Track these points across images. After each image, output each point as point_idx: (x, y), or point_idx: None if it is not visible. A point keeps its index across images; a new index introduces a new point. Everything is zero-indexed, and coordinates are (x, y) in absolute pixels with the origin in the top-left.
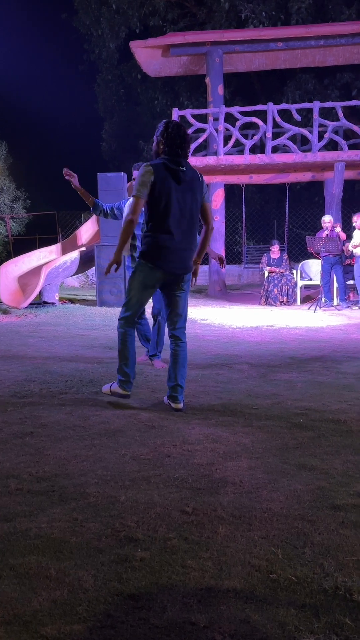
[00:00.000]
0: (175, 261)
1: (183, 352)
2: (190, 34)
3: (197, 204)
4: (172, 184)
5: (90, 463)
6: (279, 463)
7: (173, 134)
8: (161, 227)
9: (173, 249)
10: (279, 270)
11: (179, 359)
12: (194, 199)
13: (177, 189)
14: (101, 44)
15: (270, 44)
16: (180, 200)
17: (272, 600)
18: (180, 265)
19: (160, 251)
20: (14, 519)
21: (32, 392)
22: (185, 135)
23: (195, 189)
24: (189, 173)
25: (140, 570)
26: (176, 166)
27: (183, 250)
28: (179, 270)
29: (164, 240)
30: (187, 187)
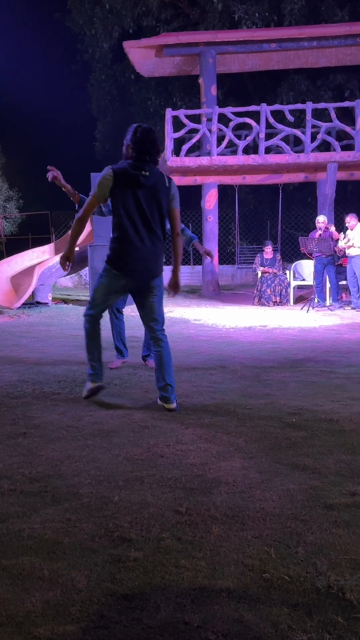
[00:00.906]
0: (139, 268)
1: (166, 352)
2: (184, 35)
3: (162, 209)
4: (132, 190)
5: (84, 463)
6: (272, 463)
7: (141, 139)
8: (122, 233)
9: (135, 256)
10: (272, 270)
11: (164, 360)
12: (158, 204)
13: (139, 194)
14: (94, 43)
15: (263, 44)
16: (142, 206)
17: (265, 599)
18: (144, 271)
19: (122, 258)
20: (7, 519)
21: (25, 393)
22: (154, 140)
23: (159, 194)
24: (152, 178)
25: (133, 571)
26: (138, 171)
27: (146, 256)
28: (144, 276)
29: (125, 247)
30: (149, 193)
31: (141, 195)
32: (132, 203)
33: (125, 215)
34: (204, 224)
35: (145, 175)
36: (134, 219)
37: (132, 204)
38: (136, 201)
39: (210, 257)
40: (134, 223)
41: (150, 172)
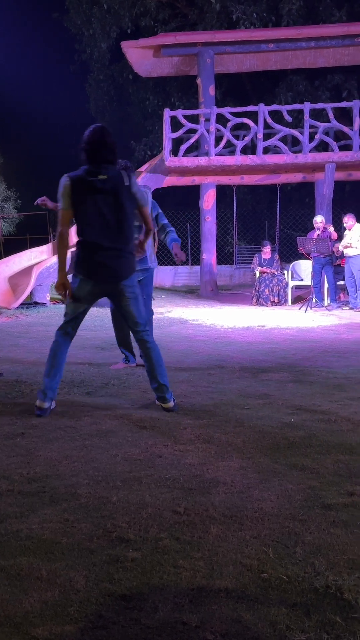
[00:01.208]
0: (104, 272)
1: (155, 353)
2: (182, 35)
3: (125, 209)
4: (90, 195)
5: (82, 464)
6: (270, 463)
7: (91, 141)
8: (85, 238)
9: (99, 261)
10: (270, 270)
11: (153, 360)
12: (119, 205)
13: (97, 199)
14: (92, 43)
15: (261, 45)
16: (102, 210)
17: (264, 599)
18: (109, 275)
19: (87, 263)
20: (5, 520)
21: (23, 393)
22: (103, 139)
23: (118, 194)
24: (110, 180)
25: (131, 571)
26: (94, 177)
27: (110, 260)
28: (111, 280)
29: (89, 252)
30: (108, 195)
31: (100, 200)
32: (92, 209)
33: (86, 222)
34: (202, 224)
35: (102, 179)
36: (95, 224)
37: (92, 210)
38: (96, 207)
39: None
40: (95, 229)
41: (108, 174)
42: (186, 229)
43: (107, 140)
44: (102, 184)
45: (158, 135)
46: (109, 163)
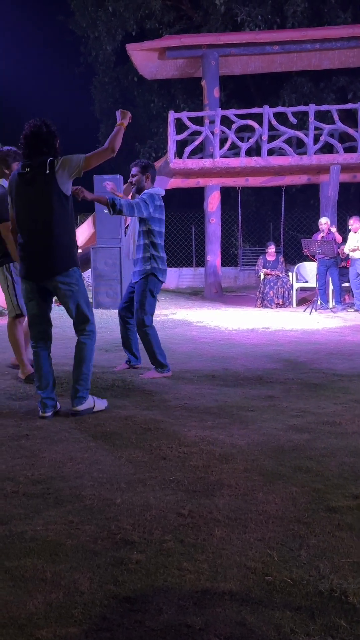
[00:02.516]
0: (33, 269)
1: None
2: (187, 37)
3: (50, 200)
4: (17, 191)
5: (86, 465)
6: (274, 465)
7: (23, 134)
8: (19, 236)
9: (28, 257)
10: (275, 272)
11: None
12: (43, 196)
13: (22, 193)
14: (98, 46)
15: (266, 47)
16: (26, 204)
17: (268, 602)
18: (39, 271)
19: (21, 261)
20: (10, 521)
21: (28, 395)
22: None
23: (41, 185)
24: (31, 172)
25: (136, 573)
26: (21, 170)
27: (38, 255)
28: (41, 276)
29: (20, 249)
30: (31, 188)
31: (24, 194)
32: (19, 204)
33: (17, 217)
34: (207, 226)
35: (24, 172)
36: (22, 219)
37: (18, 205)
38: (21, 202)
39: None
40: (22, 224)
41: (31, 166)
42: (190, 231)
43: (41, 131)
44: (23, 177)
45: (163, 137)
46: (43, 155)
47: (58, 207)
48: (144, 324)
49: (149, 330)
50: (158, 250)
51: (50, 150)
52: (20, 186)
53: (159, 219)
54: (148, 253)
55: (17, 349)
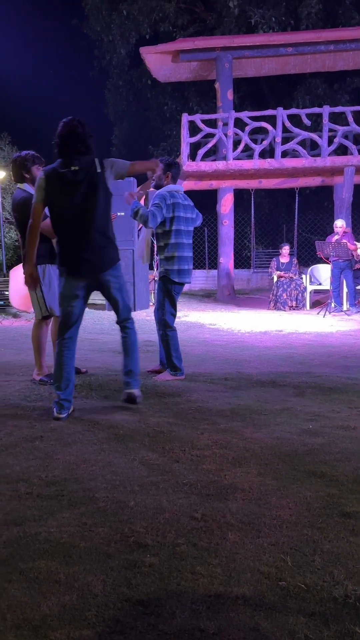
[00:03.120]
0: (84, 266)
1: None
2: (200, 40)
3: (100, 198)
4: (62, 189)
5: (99, 467)
6: (288, 469)
7: (60, 133)
8: (62, 234)
9: (78, 255)
10: (288, 275)
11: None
12: (94, 194)
13: (69, 191)
14: (112, 49)
15: (280, 49)
16: (76, 203)
17: (282, 607)
18: (90, 268)
19: (67, 259)
20: (24, 523)
21: (42, 396)
22: (77, 129)
23: (93, 183)
24: (82, 171)
25: (149, 576)
26: (66, 168)
27: (89, 252)
28: (92, 273)
29: (67, 248)
30: (82, 186)
31: (73, 192)
32: (67, 202)
33: (62, 216)
34: (220, 228)
35: (75, 170)
36: (71, 217)
37: (65, 203)
38: (69, 199)
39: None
40: (71, 222)
41: (80, 164)
42: (203, 233)
43: (78, 131)
44: (75, 175)
45: (176, 140)
46: (81, 154)
47: (107, 205)
48: (166, 324)
49: (169, 332)
50: (170, 250)
51: (87, 149)
52: (65, 185)
53: (171, 218)
54: (162, 255)
55: (37, 350)
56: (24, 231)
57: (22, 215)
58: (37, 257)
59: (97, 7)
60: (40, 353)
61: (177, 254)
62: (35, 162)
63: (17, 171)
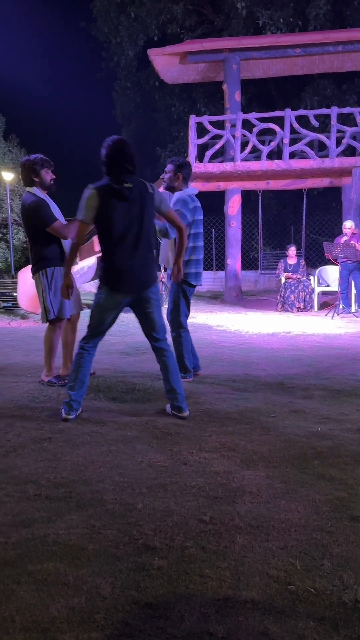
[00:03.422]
0: (130, 281)
1: (171, 362)
2: (208, 41)
3: (149, 217)
4: (117, 205)
5: (107, 469)
6: (297, 472)
7: (113, 153)
8: (112, 249)
9: (126, 270)
10: (296, 276)
11: (170, 369)
12: (145, 213)
13: (124, 207)
14: (120, 51)
15: (288, 50)
16: (129, 219)
17: (291, 612)
18: (136, 284)
19: (114, 274)
20: (32, 524)
21: (50, 397)
22: (126, 149)
23: (144, 202)
24: (135, 189)
25: (157, 579)
26: (120, 185)
27: (137, 268)
28: (137, 289)
29: (115, 262)
30: (135, 204)
31: (127, 208)
32: (119, 218)
33: (114, 231)
34: (227, 229)
35: (129, 187)
36: (122, 233)
37: (119, 219)
38: (123, 215)
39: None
40: (122, 238)
41: (133, 183)
42: (211, 235)
43: (129, 151)
44: (129, 192)
45: (184, 141)
46: (130, 173)
47: (153, 226)
48: (180, 325)
49: (183, 333)
50: (188, 254)
51: (134, 168)
52: (119, 200)
53: (195, 221)
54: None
55: (48, 352)
56: (32, 234)
57: (30, 218)
58: (47, 260)
59: (106, 9)
60: (51, 355)
61: (194, 257)
62: (44, 166)
63: (26, 175)
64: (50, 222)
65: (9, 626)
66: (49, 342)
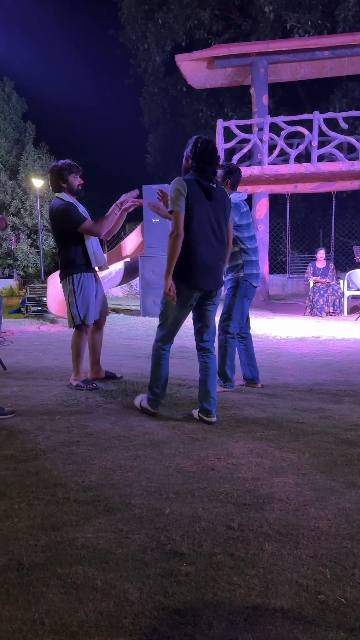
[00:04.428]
0: (209, 278)
1: (213, 365)
2: (235, 46)
3: (226, 221)
4: (203, 201)
5: (135, 474)
6: (326, 480)
7: (202, 150)
8: (194, 244)
9: (206, 266)
10: (325, 280)
11: (210, 372)
12: (224, 215)
13: (208, 205)
14: (147, 58)
15: (316, 52)
16: (212, 217)
17: (321, 622)
18: (213, 281)
19: (194, 269)
20: (61, 527)
21: (78, 401)
22: (214, 151)
23: (225, 205)
24: (219, 190)
25: (185, 585)
26: (208, 182)
27: (216, 266)
28: (213, 286)
29: (197, 257)
30: (217, 204)
31: (211, 206)
32: (204, 214)
33: (198, 226)
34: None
35: (214, 186)
36: (206, 230)
37: (203, 215)
38: (207, 212)
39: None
40: (206, 233)
41: (217, 184)
42: None
43: (216, 153)
44: (214, 191)
45: None
46: (214, 175)
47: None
48: (228, 331)
49: (230, 339)
50: (249, 254)
51: (215, 172)
52: (205, 197)
53: (247, 225)
54: (240, 260)
55: (76, 357)
56: (60, 240)
57: (60, 222)
58: (73, 266)
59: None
60: (79, 359)
61: (253, 258)
62: (72, 171)
63: (54, 181)
64: (81, 222)
65: (38, 629)
66: (75, 347)
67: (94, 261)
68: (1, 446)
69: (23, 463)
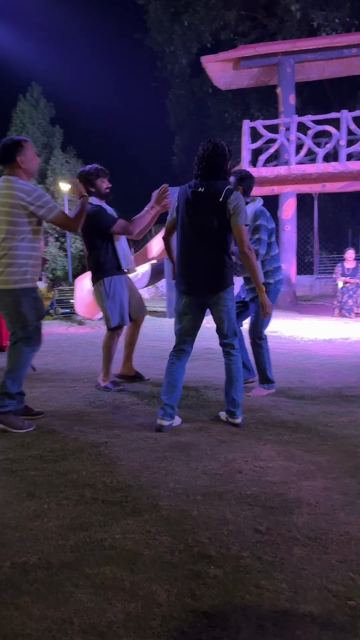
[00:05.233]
0: (194, 284)
1: (235, 367)
2: (261, 46)
3: (215, 224)
4: (186, 207)
5: (162, 475)
6: (356, 484)
7: (198, 156)
8: (179, 252)
9: (189, 273)
10: (355, 280)
11: (232, 374)
12: (210, 219)
13: (192, 210)
14: (173, 60)
15: (344, 50)
16: (194, 223)
17: (351, 628)
18: (200, 287)
19: (180, 277)
20: (90, 528)
21: (106, 402)
22: (208, 154)
23: (211, 209)
24: (207, 194)
25: (213, 588)
26: (194, 188)
27: (199, 272)
28: (201, 291)
29: (181, 265)
30: (201, 209)
31: (193, 212)
32: (186, 221)
33: (180, 234)
34: (281, 233)
35: (199, 191)
36: (187, 236)
37: (186, 221)
38: (189, 219)
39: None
40: (187, 240)
41: (206, 187)
42: None
43: (210, 155)
44: (199, 196)
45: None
46: (213, 179)
47: (223, 233)
48: (260, 336)
49: (263, 344)
50: (273, 262)
51: (220, 173)
52: (191, 203)
53: (270, 231)
54: (270, 267)
55: (106, 358)
56: (90, 244)
57: (91, 226)
58: (104, 270)
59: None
60: (109, 361)
61: (279, 264)
62: (99, 175)
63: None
64: (112, 223)
65: (67, 628)
66: (107, 348)
67: (124, 262)
68: (30, 446)
69: (52, 463)
